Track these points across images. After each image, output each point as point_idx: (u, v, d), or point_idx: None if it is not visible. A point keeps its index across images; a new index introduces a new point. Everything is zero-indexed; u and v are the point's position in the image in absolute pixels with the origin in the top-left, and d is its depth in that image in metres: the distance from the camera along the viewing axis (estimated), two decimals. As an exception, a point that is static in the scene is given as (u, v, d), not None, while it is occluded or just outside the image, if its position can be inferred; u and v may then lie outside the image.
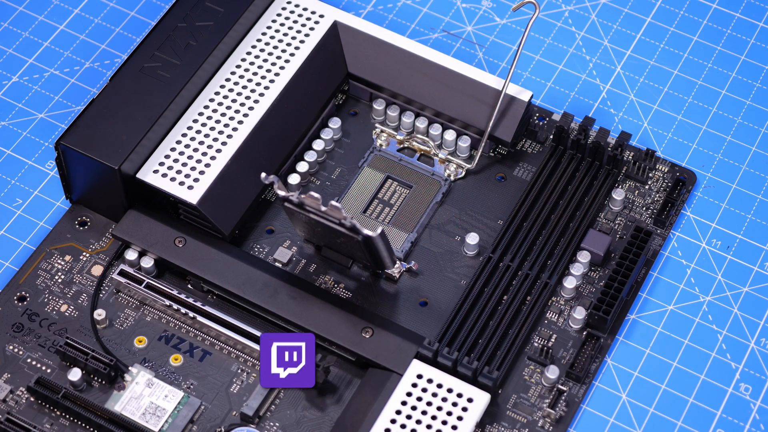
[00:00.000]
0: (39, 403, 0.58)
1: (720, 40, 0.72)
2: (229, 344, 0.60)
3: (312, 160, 0.65)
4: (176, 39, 0.65)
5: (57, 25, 0.73)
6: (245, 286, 0.60)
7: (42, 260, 0.63)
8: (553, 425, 0.58)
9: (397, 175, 0.65)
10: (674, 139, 0.68)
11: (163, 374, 0.59)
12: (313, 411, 0.58)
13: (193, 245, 0.61)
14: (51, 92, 0.70)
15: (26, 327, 0.60)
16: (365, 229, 0.56)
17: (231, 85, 0.64)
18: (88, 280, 0.62)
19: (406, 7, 0.74)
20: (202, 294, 0.62)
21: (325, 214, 0.56)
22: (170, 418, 0.58)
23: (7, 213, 0.66)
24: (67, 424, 0.58)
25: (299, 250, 0.63)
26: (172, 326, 0.61)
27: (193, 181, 0.61)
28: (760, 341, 0.62)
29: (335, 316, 0.59)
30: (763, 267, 0.64)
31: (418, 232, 0.63)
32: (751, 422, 0.59)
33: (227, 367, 0.60)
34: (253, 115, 0.63)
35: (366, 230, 0.56)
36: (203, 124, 0.63)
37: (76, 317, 0.61)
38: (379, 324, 0.59)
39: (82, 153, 0.61)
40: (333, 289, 0.62)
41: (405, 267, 0.62)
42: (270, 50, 0.66)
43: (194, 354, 0.60)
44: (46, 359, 0.60)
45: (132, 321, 0.61)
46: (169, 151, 0.62)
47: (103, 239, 0.63)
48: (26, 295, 0.61)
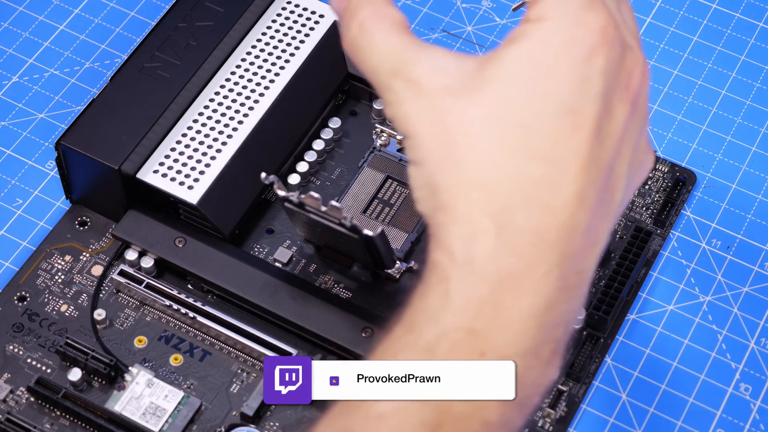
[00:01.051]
0: (39, 403, 0.58)
1: (720, 40, 0.72)
2: (229, 344, 0.60)
3: (312, 160, 0.65)
4: (176, 39, 0.65)
5: (57, 25, 0.73)
6: (245, 286, 0.60)
7: (42, 260, 0.63)
8: (553, 425, 0.58)
9: (397, 175, 0.65)
10: (674, 139, 0.68)
11: (163, 374, 0.59)
12: (313, 411, 0.58)
13: (193, 245, 0.61)
14: (51, 92, 0.70)
15: (26, 327, 0.60)
16: (365, 229, 0.56)
17: (231, 85, 0.64)
18: (88, 280, 0.62)
19: (406, 7, 0.74)
20: (202, 294, 0.62)
21: (325, 214, 0.56)
22: (170, 418, 0.58)
23: (7, 213, 0.66)
24: (67, 424, 0.58)
25: (299, 250, 0.63)
26: (172, 326, 0.61)
27: (193, 181, 0.61)
28: (760, 341, 0.62)
29: (335, 316, 0.59)
30: (763, 267, 0.64)
31: (418, 232, 0.63)
32: (751, 422, 0.59)
33: (227, 367, 0.60)
34: (253, 114, 0.63)
35: (366, 230, 0.56)
36: (203, 124, 0.63)
37: (76, 317, 0.61)
38: (379, 324, 0.59)
39: (82, 153, 0.61)
40: (333, 289, 0.62)
41: (405, 267, 0.62)
42: (270, 50, 0.66)
43: (194, 354, 0.60)
44: (46, 359, 0.60)
45: (132, 321, 0.61)
46: (169, 151, 0.62)
47: (103, 239, 0.63)
48: (26, 295, 0.61)
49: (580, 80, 0.43)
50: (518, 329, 0.42)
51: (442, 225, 0.43)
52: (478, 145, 0.43)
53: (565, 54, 0.43)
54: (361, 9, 0.46)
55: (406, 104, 0.44)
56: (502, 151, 0.43)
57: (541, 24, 0.44)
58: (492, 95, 0.43)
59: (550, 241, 0.42)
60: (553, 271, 0.43)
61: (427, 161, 0.44)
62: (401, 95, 0.45)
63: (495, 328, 0.42)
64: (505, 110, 0.43)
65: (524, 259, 0.42)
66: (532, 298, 0.42)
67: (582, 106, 0.43)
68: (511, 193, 0.42)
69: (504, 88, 0.43)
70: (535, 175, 0.42)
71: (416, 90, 0.44)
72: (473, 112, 0.43)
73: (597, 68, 0.43)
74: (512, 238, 0.42)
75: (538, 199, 0.42)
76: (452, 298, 0.43)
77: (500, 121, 0.43)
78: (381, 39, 0.46)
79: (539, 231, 0.42)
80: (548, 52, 0.43)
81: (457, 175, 0.43)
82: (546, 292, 0.43)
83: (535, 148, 0.43)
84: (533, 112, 0.43)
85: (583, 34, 0.43)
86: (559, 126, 0.43)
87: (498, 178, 0.43)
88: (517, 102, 0.43)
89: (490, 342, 0.42)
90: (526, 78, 0.43)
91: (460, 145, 0.43)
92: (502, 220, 0.42)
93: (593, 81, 0.43)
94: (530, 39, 0.44)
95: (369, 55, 0.46)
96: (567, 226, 0.43)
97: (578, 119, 0.43)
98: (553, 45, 0.43)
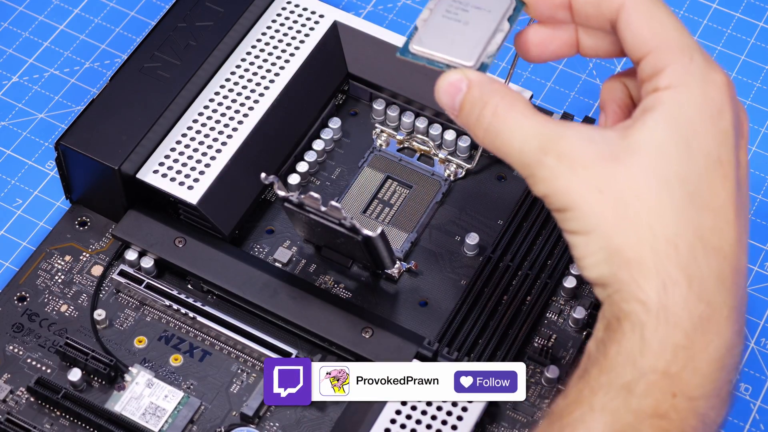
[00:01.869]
0: (39, 404, 0.58)
1: (720, 40, 0.72)
2: (229, 344, 0.60)
3: (312, 160, 0.65)
4: (176, 39, 0.65)
5: (57, 25, 0.73)
6: (245, 286, 0.60)
7: (42, 260, 0.63)
8: (553, 425, 0.58)
9: (397, 175, 0.65)
10: (674, 139, 0.68)
11: (163, 374, 0.59)
12: (313, 411, 0.58)
13: (193, 245, 0.61)
14: (51, 92, 0.70)
15: (26, 327, 0.60)
16: (365, 229, 0.56)
17: (231, 85, 0.64)
18: (88, 280, 0.62)
19: (406, 7, 0.74)
20: (202, 294, 0.62)
21: (325, 214, 0.56)
22: (170, 419, 0.58)
23: (7, 213, 0.66)
24: (67, 424, 0.58)
25: (299, 250, 0.63)
26: (172, 326, 0.61)
27: (193, 181, 0.61)
28: (760, 341, 0.62)
29: (335, 316, 0.59)
30: (763, 267, 0.64)
31: (418, 232, 0.63)
32: (751, 422, 0.59)
33: (227, 367, 0.60)
34: (253, 115, 0.63)
35: (366, 230, 0.56)
36: (203, 124, 0.63)
37: (76, 317, 0.61)
38: (379, 324, 0.59)
39: (82, 153, 0.61)
40: (333, 289, 0.62)
41: (405, 267, 0.62)
42: (270, 50, 0.66)
43: (194, 354, 0.60)
44: (46, 359, 0.60)
45: (132, 321, 0.61)
46: (169, 151, 0.62)
47: (103, 239, 0.63)
48: (26, 295, 0.61)
49: (721, 134, 0.47)
50: (706, 372, 0.46)
51: (630, 280, 0.46)
52: (651, 203, 0.46)
53: (704, 112, 0.47)
54: (491, 97, 0.49)
55: (564, 178, 0.47)
56: (674, 205, 0.46)
57: (676, 89, 0.47)
58: (650, 156, 0.46)
59: (728, 285, 0.47)
60: (732, 314, 0.47)
61: (600, 227, 0.47)
62: (556, 170, 0.47)
63: (687, 371, 0.46)
64: (667, 168, 0.46)
65: (712, 305, 0.46)
66: (718, 341, 0.46)
67: (726, 157, 0.47)
68: (693, 243, 0.46)
69: (659, 149, 0.46)
70: (707, 224, 0.46)
71: (571, 162, 0.47)
72: (638, 174, 0.46)
73: (729, 121, 0.47)
74: (701, 285, 0.46)
75: (714, 246, 0.46)
76: (649, 343, 0.46)
77: (665, 178, 0.46)
78: (521, 121, 0.48)
79: (720, 276, 0.46)
80: (691, 113, 0.47)
81: (639, 232, 0.46)
82: (727, 335, 0.46)
83: (702, 200, 0.46)
84: (691, 167, 0.46)
85: (713, 92, 0.47)
86: (714, 177, 0.47)
87: (679, 230, 0.46)
88: (675, 160, 0.46)
89: (682, 384, 0.46)
90: (678, 138, 0.46)
91: (634, 205, 0.46)
92: (690, 270, 0.46)
93: (729, 133, 0.47)
94: (671, 103, 0.47)
95: (511, 137, 0.48)
96: (737, 270, 0.47)
97: (725, 169, 0.47)
98: (693, 106, 0.47)
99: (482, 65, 0.51)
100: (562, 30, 0.51)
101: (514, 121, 0.48)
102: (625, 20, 0.48)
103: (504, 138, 0.48)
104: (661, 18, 0.48)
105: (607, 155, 0.47)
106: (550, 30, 0.52)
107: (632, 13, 0.48)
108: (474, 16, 0.52)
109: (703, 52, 0.48)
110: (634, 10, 0.48)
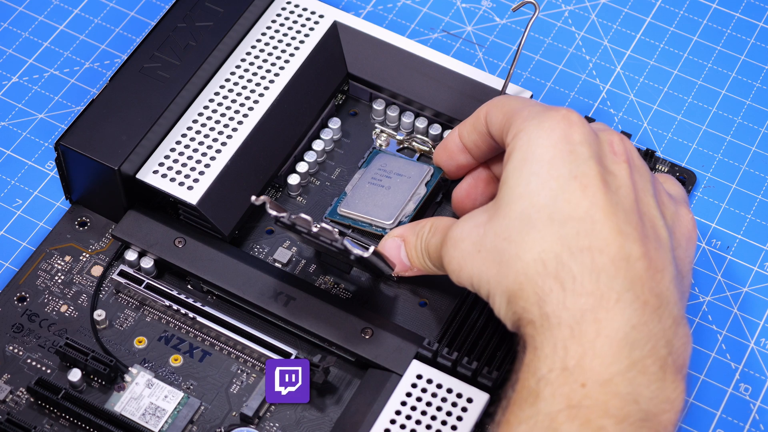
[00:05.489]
0: (39, 404, 0.58)
1: (720, 40, 0.72)
2: (229, 345, 0.60)
3: (312, 160, 0.65)
4: (176, 39, 0.65)
5: (57, 25, 0.73)
6: (245, 286, 0.60)
7: (42, 260, 0.63)
8: (552, 425, 0.58)
9: (397, 175, 0.65)
10: (674, 139, 0.68)
11: (163, 375, 0.59)
12: (313, 411, 0.58)
13: (192, 245, 0.61)
14: (51, 92, 0.70)
15: (26, 327, 0.60)
16: (356, 249, 0.55)
17: (231, 85, 0.64)
18: (88, 280, 0.62)
19: (406, 7, 0.74)
20: (201, 294, 0.62)
21: (317, 235, 0.56)
22: (170, 419, 0.58)
23: (7, 213, 0.66)
24: (67, 424, 0.58)
25: (299, 251, 0.63)
26: (172, 327, 0.61)
27: (193, 182, 0.61)
28: (760, 341, 0.62)
29: (335, 316, 0.59)
30: (763, 267, 0.64)
31: (418, 232, 0.63)
32: (751, 422, 0.59)
33: (227, 368, 0.60)
34: (253, 115, 0.63)
35: (357, 251, 0.55)
36: (203, 124, 0.63)
37: (76, 318, 0.61)
38: (378, 324, 0.59)
39: (81, 153, 0.61)
40: (333, 289, 0.62)
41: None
42: (270, 50, 0.66)
43: (194, 354, 0.60)
44: (46, 360, 0.60)
45: (132, 321, 0.61)
46: (169, 152, 0.62)
47: (103, 239, 0.63)
48: (26, 296, 0.61)
49: (568, 154, 0.51)
50: (610, 352, 0.49)
51: (521, 310, 0.51)
52: (517, 239, 0.51)
53: (547, 142, 0.52)
54: (422, 228, 0.58)
55: (454, 260, 0.54)
56: (536, 230, 0.51)
57: (518, 136, 0.53)
58: (511, 203, 0.52)
59: (610, 274, 0.50)
60: (624, 296, 0.49)
61: (490, 281, 0.53)
62: (451, 255, 0.55)
63: (587, 358, 0.49)
64: (527, 204, 0.51)
65: (593, 295, 0.49)
66: (613, 322, 0.49)
67: (580, 170, 0.51)
68: (559, 252, 0.50)
69: (516, 192, 0.52)
70: (571, 232, 0.50)
71: (455, 242, 0.54)
72: (503, 223, 0.52)
73: (576, 140, 0.52)
74: (575, 284, 0.50)
75: (582, 247, 0.50)
76: (541, 350, 0.50)
77: (526, 214, 0.51)
78: (458, 228, 0.55)
79: (595, 269, 0.50)
80: (534, 147, 0.52)
81: (515, 268, 0.51)
82: (625, 314, 0.49)
83: (562, 214, 0.51)
84: (547, 192, 0.51)
85: (551, 124, 0.52)
86: (571, 191, 0.51)
87: (544, 248, 0.50)
88: (532, 194, 0.51)
89: (587, 372, 0.49)
90: (528, 174, 0.52)
91: (507, 249, 0.52)
92: (561, 275, 0.50)
93: (578, 149, 0.52)
94: (518, 148, 0.53)
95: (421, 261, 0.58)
96: (620, 257, 0.50)
97: (583, 181, 0.51)
98: (535, 141, 0.52)
99: (399, 224, 0.60)
100: (473, 169, 0.60)
101: (416, 251, 0.58)
102: (489, 120, 0.56)
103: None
104: (509, 102, 0.55)
105: (481, 222, 0.53)
106: (466, 180, 0.60)
107: (491, 111, 0.56)
108: (395, 182, 0.62)
109: (539, 103, 0.54)
110: (492, 107, 0.56)
